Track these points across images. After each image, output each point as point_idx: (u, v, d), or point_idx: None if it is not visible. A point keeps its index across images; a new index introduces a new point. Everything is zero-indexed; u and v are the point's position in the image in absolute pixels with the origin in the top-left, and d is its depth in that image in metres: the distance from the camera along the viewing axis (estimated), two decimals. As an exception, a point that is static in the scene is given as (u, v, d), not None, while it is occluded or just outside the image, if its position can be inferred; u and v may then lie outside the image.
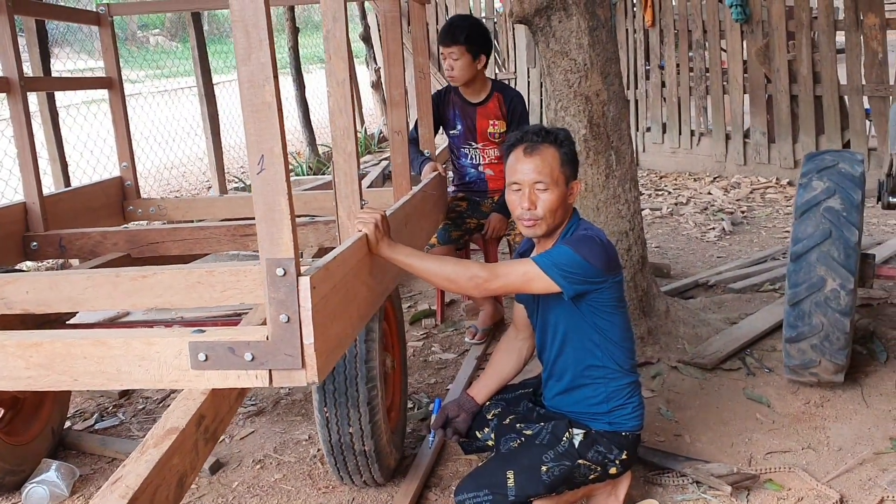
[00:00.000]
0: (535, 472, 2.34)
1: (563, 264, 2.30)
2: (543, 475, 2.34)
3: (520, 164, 2.39)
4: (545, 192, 2.36)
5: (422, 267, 2.35)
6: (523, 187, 2.38)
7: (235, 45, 1.64)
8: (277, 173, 1.67)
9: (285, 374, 1.79)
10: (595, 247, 2.34)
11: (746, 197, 7.12)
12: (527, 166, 2.37)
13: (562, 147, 2.40)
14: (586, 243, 2.34)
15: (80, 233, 3.30)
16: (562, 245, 2.35)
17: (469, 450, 2.74)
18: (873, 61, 6.77)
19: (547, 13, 3.45)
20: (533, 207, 2.36)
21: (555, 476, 2.35)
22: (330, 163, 9.48)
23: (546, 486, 2.34)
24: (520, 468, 2.35)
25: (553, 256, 2.33)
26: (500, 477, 2.34)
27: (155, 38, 22.99)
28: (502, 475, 2.34)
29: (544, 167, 2.36)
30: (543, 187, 2.36)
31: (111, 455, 3.18)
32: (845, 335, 3.05)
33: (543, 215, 2.37)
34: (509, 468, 2.35)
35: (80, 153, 7.10)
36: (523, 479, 2.33)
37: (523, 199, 2.37)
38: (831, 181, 3.12)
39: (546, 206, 2.36)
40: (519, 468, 2.35)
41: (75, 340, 1.85)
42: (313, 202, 3.92)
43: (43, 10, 4.04)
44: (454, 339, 4.20)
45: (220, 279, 2.37)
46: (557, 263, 2.30)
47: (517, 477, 2.33)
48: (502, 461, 2.41)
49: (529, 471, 2.34)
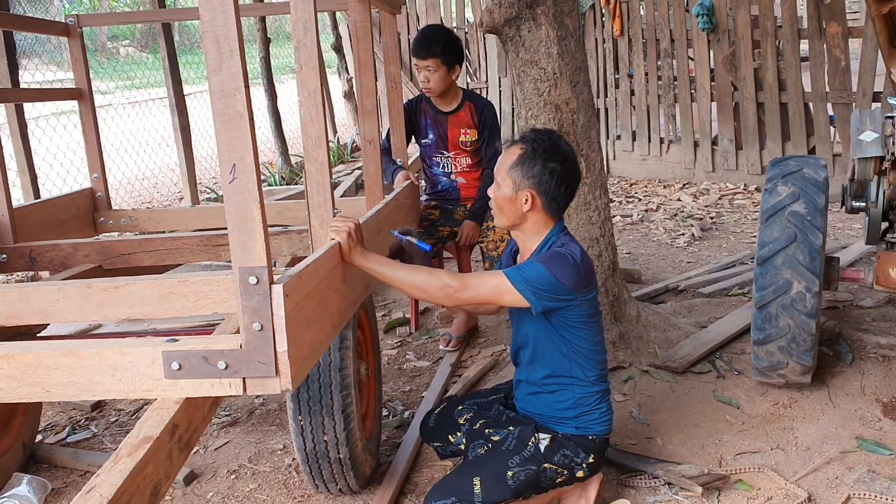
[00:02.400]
0: (501, 478, 2.37)
1: (534, 281, 2.33)
2: (509, 480, 2.37)
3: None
4: (497, 186, 2.47)
5: (393, 276, 2.37)
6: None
7: (206, 55, 1.66)
8: (249, 182, 1.69)
9: (259, 382, 1.80)
10: (567, 266, 2.35)
11: (715, 203, 7.21)
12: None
13: (523, 148, 2.44)
14: (559, 262, 2.36)
15: (50, 245, 3.27)
16: (535, 261, 2.38)
17: (444, 454, 2.76)
18: (836, 69, 6.89)
19: (516, 23, 3.49)
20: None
21: (521, 481, 2.38)
22: (302, 173, 9.44)
23: (512, 490, 2.37)
24: (486, 474, 2.38)
25: (525, 272, 2.35)
26: (468, 484, 2.37)
27: (125, 49, 22.83)
28: (469, 482, 2.37)
29: (501, 165, 2.46)
30: (498, 180, 2.47)
31: (83, 468, 3.15)
32: (811, 337, 3.11)
33: (494, 207, 2.49)
34: (476, 475, 2.38)
35: (50, 164, 7.04)
36: (489, 485, 2.36)
37: None
38: (796, 186, 3.18)
39: (496, 201, 2.48)
40: (485, 474, 2.38)
41: (47, 351, 1.85)
42: (286, 212, 3.92)
43: (11, 22, 4.01)
44: (428, 346, 4.21)
45: (192, 289, 2.38)
46: (528, 279, 2.33)
47: (483, 483, 2.36)
48: (469, 468, 2.44)
49: (495, 476, 2.37)
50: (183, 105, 4.73)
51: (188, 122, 4.72)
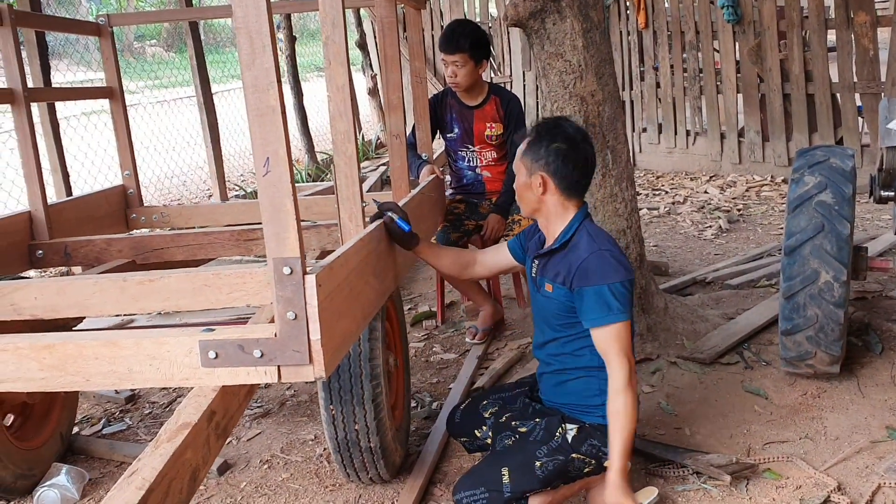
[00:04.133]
0: (530, 468, 2.39)
1: (617, 301, 2.34)
2: (537, 470, 2.38)
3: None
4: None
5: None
6: None
7: (239, 50, 1.70)
8: (282, 175, 1.72)
9: (293, 370, 1.84)
10: (617, 267, 2.38)
11: (742, 195, 7.17)
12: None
13: (534, 136, 2.49)
14: (609, 268, 2.37)
15: (85, 240, 3.34)
16: (598, 287, 2.35)
17: (471, 448, 2.78)
18: (864, 59, 6.83)
19: (541, 16, 3.51)
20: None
21: (549, 471, 2.39)
22: (328, 170, 9.50)
23: (540, 480, 2.39)
24: (514, 464, 2.39)
25: (608, 303, 2.34)
26: (496, 474, 2.39)
27: (152, 49, 23.05)
28: (497, 472, 2.39)
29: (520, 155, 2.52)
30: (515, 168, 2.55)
31: (119, 459, 3.22)
32: (839, 326, 3.11)
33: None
34: (504, 465, 2.40)
35: (82, 163, 7.15)
36: (518, 475, 2.37)
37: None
38: (823, 176, 3.17)
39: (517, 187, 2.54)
40: (513, 464, 2.39)
41: (87, 342, 1.90)
42: (314, 207, 3.97)
43: (44, 22, 4.09)
44: (455, 339, 4.25)
45: (226, 282, 2.43)
46: (614, 306, 2.34)
47: (512, 473, 2.38)
48: (497, 459, 2.46)
49: (524, 467, 2.39)
50: (211, 103, 4.77)
51: (216, 120, 4.76)
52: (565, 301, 2.44)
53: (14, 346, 1.91)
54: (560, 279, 2.44)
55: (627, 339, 2.36)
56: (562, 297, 2.45)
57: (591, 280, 2.36)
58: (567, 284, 2.41)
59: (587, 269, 2.37)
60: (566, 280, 2.42)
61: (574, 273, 2.39)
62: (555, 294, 2.47)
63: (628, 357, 2.34)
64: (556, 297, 2.47)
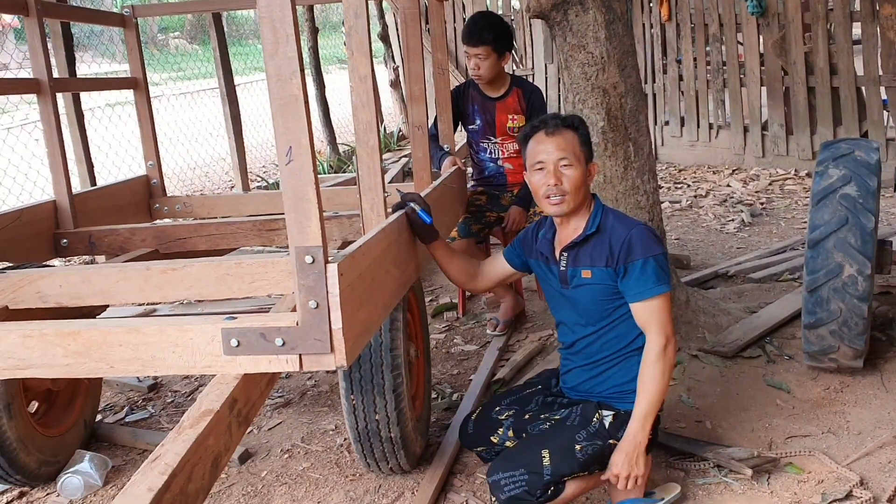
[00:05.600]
0: (570, 451, 2.37)
1: (660, 273, 2.40)
2: (578, 453, 2.37)
3: (542, 144, 2.46)
4: (570, 168, 2.43)
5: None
6: (547, 165, 2.44)
7: (263, 40, 1.70)
8: (305, 164, 1.73)
9: (315, 359, 1.85)
10: (651, 237, 2.44)
11: (765, 189, 7.12)
12: (550, 146, 2.44)
13: (578, 130, 2.49)
14: (647, 240, 2.42)
15: (109, 230, 3.37)
16: (644, 260, 2.39)
17: (488, 457, 2.70)
18: (890, 52, 6.76)
19: (564, 7, 3.50)
20: (559, 184, 2.42)
21: (588, 455, 2.38)
22: (350, 161, 9.52)
23: (580, 464, 2.37)
24: (554, 447, 2.38)
25: (649, 276, 2.39)
26: (536, 456, 2.37)
27: (175, 41, 23.17)
28: (537, 454, 2.37)
29: (567, 145, 2.44)
30: (568, 163, 2.43)
31: (142, 447, 3.25)
32: (863, 320, 3.08)
33: (570, 190, 2.43)
34: (544, 447, 2.38)
35: (106, 154, 7.21)
36: (558, 458, 2.36)
37: (549, 177, 2.43)
38: (847, 168, 3.14)
39: (572, 182, 2.43)
40: (553, 447, 2.38)
41: (111, 328, 1.92)
42: (335, 198, 3.99)
43: (70, 13, 4.12)
44: (476, 331, 4.25)
45: (248, 271, 2.44)
46: (658, 277, 2.39)
47: (552, 456, 2.36)
48: (536, 441, 2.44)
49: (564, 450, 2.37)
50: (234, 94, 4.80)
51: (239, 112, 4.80)
52: (609, 283, 2.44)
53: (40, 333, 1.93)
54: (602, 262, 2.44)
55: (669, 310, 2.41)
56: (607, 280, 2.44)
57: (638, 254, 2.39)
58: (612, 264, 2.42)
59: (632, 244, 2.40)
60: (610, 260, 2.43)
61: (620, 250, 2.41)
62: (595, 278, 2.46)
63: (667, 330, 2.39)
64: (596, 282, 2.46)
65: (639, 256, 2.39)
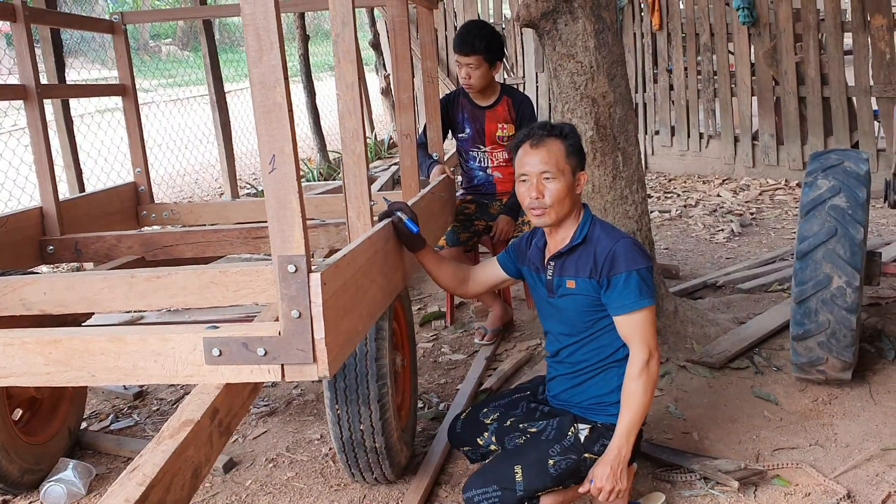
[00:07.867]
0: (543, 466, 2.37)
1: (646, 286, 2.40)
2: (551, 468, 2.37)
3: (527, 156, 2.48)
4: (552, 181, 2.44)
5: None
6: (530, 178, 2.46)
7: (247, 47, 1.69)
8: (288, 172, 1.72)
9: (297, 369, 1.83)
10: (638, 251, 2.44)
11: (755, 199, 7.13)
12: (534, 159, 2.46)
13: (567, 139, 2.49)
14: (633, 254, 2.42)
15: (95, 237, 3.35)
16: (627, 273, 2.39)
17: (474, 458, 2.73)
18: (881, 62, 6.79)
19: (553, 17, 3.49)
20: (541, 197, 2.44)
21: (562, 469, 2.38)
22: (340, 168, 9.47)
23: (553, 478, 2.38)
24: (527, 462, 2.38)
25: (634, 290, 2.39)
26: (508, 472, 2.37)
27: (167, 48, 23.15)
28: (510, 470, 2.38)
29: (550, 158, 2.44)
30: (550, 177, 2.44)
31: (127, 455, 3.22)
32: (852, 332, 3.08)
33: (551, 204, 2.44)
34: (517, 463, 2.39)
35: (95, 160, 7.18)
36: (531, 473, 2.36)
37: (531, 190, 2.46)
38: (836, 179, 3.14)
39: (553, 195, 2.44)
40: (526, 462, 2.38)
41: (93, 337, 1.91)
42: (323, 206, 3.97)
43: (58, 20, 4.10)
44: (464, 340, 4.23)
45: (233, 279, 2.43)
46: (643, 291, 2.39)
47: (525, 471, 2.36)
48: (510, 457, 2.44)
49: (537, 465, 2.37)
50: (224, 102, 4.80)
51: (228, 119, 4.80)
52: (592, 294, 2.44)
53: (20, 341, 1.91)
54: (586, 273, 2.45)
55: (653, 325, 2.41)
56: (590, 291, 2.45)
57: (622, 267, 2.40)
58: (595, 276, 2.43)
59: (616, 256, 2.41)
60: (593, 272, 2.43)
61: (603, 263, 2.42)
62: (579, 289, 2.46)
63: (650, 344, 2.39)
64: (580, 293, 2.46)
65: (622, 270, 2.39)
